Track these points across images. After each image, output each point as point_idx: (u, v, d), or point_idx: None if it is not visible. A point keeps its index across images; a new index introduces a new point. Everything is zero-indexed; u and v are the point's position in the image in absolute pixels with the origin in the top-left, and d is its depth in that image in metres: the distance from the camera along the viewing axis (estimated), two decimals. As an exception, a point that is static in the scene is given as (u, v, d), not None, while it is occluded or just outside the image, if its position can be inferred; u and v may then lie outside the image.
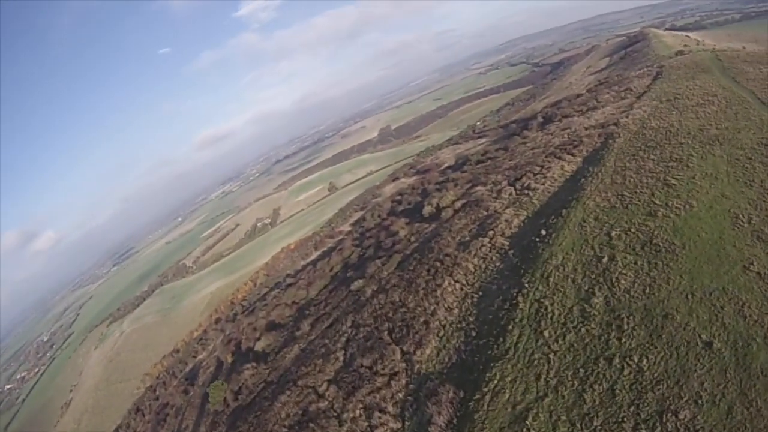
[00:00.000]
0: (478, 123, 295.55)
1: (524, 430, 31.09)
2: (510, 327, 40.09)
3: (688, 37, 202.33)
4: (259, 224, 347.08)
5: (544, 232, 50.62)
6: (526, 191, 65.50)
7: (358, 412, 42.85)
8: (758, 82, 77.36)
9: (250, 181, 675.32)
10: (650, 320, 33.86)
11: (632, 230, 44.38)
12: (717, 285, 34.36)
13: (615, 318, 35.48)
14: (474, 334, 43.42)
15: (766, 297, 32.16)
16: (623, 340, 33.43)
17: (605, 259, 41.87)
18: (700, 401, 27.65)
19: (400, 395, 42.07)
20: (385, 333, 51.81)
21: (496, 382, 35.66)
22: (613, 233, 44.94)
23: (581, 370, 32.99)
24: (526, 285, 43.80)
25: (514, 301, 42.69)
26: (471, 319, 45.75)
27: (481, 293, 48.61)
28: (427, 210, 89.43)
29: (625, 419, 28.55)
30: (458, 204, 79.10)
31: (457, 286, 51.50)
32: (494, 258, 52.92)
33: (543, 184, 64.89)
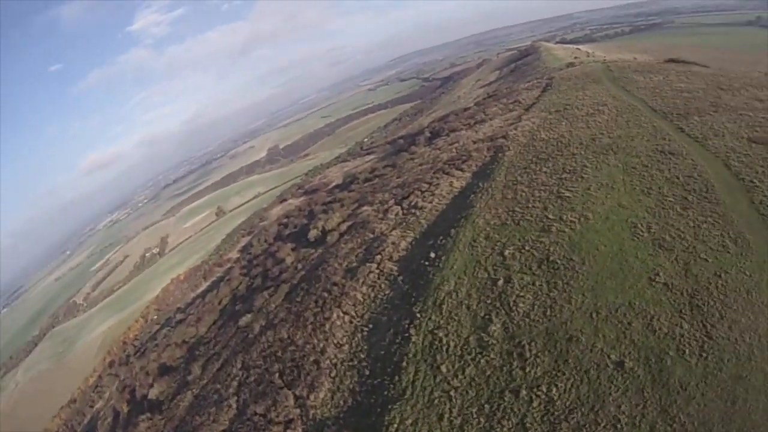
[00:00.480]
0: (366, 139, 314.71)
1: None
2: (404, 363, 38.99)
3: (579, 49, 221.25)
4: (147, 254, 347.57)
5: (433, 255, 50.49)
6: (413, 210, 66.10)
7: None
8: (649, 90, 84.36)
9: (139, 208, 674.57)
10: (554, 345, 33.83)
11: (526, 248, 45.02)
12: (622, 300, 35.14)
13: (516, 345, 35.16)
14: (368, 373, 42.41)
15: (676, 308, 33.29)
16: (527, 369, 33.11)
17: (500, 282, 41.92)
18: (619, 425, 27.71)
19: (297, 445, 40.48)
20: (276, 375, 51.66)
21: (396, 426, 34.26)
22: (507, 252, 45.36)
23: (486, 405, 32.22)
24: (418, 315, 43.03)
25: (407, 334, 41.81)
26: (363, 356, 44.82)
27: (371, 326, 47.86)
28: (312, 234, 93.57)
29: (540, 455, 27.94)
30: (344, 226, 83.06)
31: (346, 318, 50.99)
32: (383, 285, 52.52)
33: (431, 202, 65.73)
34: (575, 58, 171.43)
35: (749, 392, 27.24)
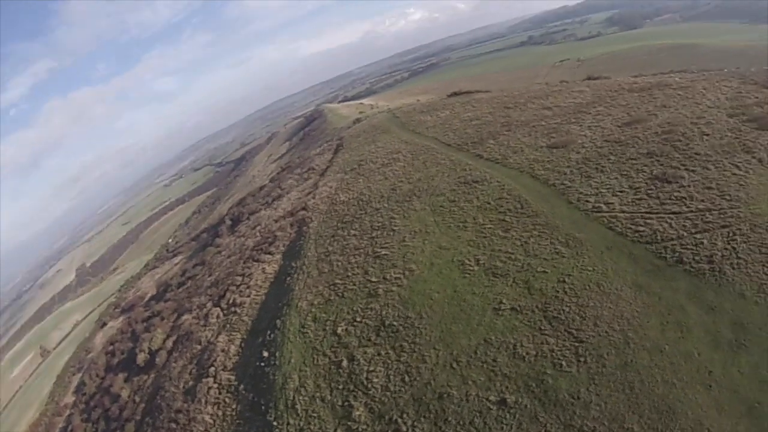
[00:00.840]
0: (170, 240, 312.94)
1: None
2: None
3: (362, 104, 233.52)
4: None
5: (266, 354, 48.21)
6: (233, 308, 63.69)
7: None
8: (438, 127, 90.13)
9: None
10: (426, 409, 32.90)
11: (358, 320, 44.45)
12: (477, 340, 35.33)
13: (388, 423, 33.80)
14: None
15: (534, 327, 34.18)
16: (411, 442, 31.82)
17: (345, 362, 40.60)
18: (532, 459, 27.35)
19: None
20: None
21: None
22: (339, 330, 44.42)
23: (391, 497, 30.43)
24: (275, 423, 40.47)
25: (273, 449, 38.99)
26: (240, 489, 41.20)
27: (233, 449, 44.15)
28: (140, 358, 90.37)
29: None
30: (170, 342, 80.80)
31: (204, 448, 46.90)
32: (228, 400, 49.13)
33: (248, 296, 63.67)
34: (361, 113, 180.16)
35: (641, 373, 28.53)
